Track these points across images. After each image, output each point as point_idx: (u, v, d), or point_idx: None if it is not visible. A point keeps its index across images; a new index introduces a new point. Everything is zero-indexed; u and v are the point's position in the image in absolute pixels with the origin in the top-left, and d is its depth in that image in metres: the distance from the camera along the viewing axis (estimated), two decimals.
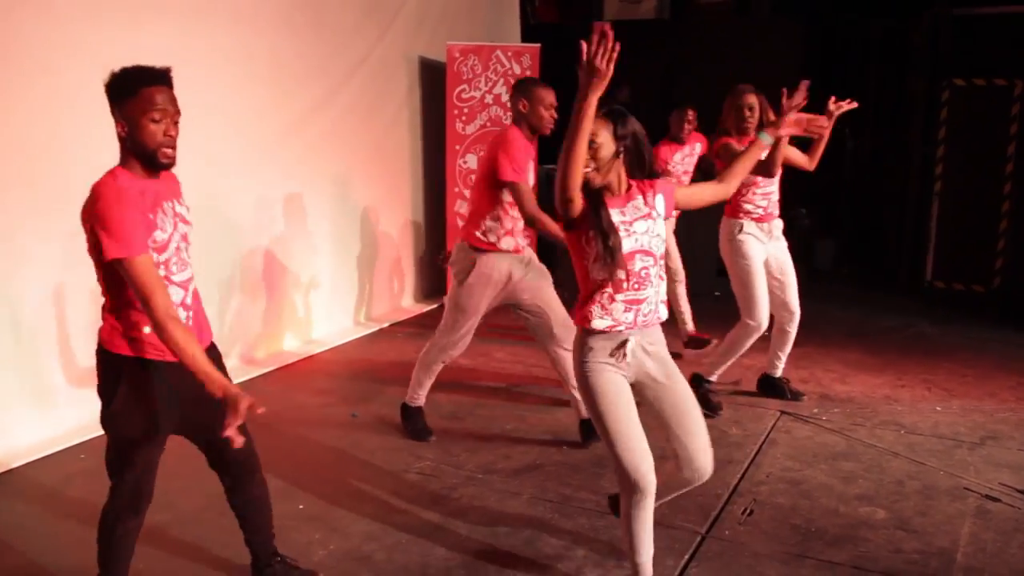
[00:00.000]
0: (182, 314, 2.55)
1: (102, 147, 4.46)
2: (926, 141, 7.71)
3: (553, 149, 2.71)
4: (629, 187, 2.77)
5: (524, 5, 9.15)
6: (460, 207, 7.15)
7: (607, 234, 2.65)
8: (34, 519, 3.63)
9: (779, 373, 5.08)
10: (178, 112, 2.51)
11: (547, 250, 5.68)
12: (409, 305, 7.32)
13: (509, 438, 4.52)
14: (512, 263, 4.21)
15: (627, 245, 2.70)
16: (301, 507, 3.69)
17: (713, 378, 4.95)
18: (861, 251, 8.95)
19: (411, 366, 4.65)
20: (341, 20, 6.26)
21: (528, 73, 7.21)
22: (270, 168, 5.70)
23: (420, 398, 4.55)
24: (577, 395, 3.77)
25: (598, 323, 2.76)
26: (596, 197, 2.70)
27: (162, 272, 2.49)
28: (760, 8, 8.82)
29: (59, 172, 4.11)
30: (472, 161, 6.98)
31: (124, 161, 2.50)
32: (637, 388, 2.88)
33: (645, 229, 2.74)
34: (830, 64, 8.60)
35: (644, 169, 2.76)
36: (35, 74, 4.14)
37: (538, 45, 7.31)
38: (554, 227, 3.71)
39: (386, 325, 6.79)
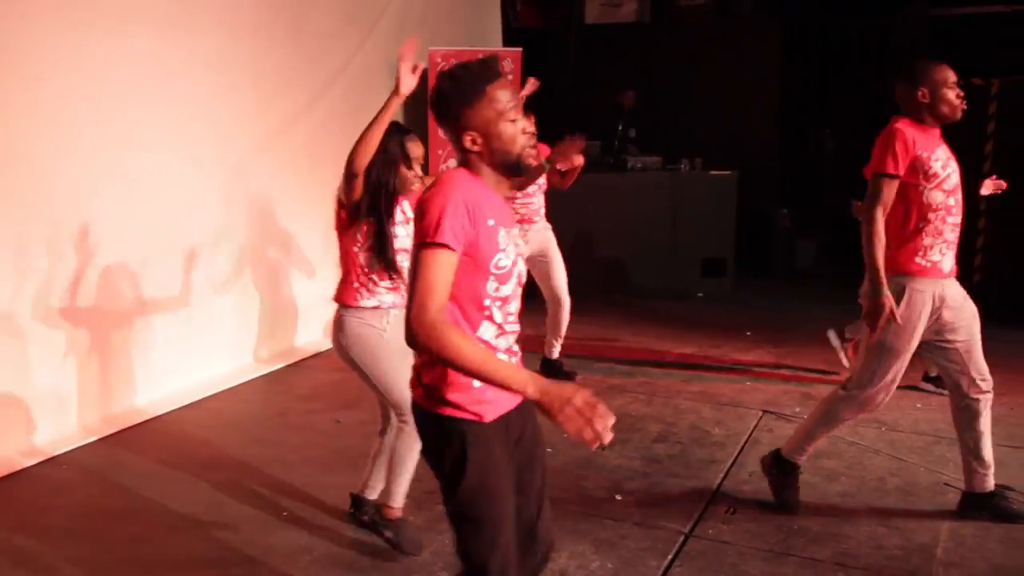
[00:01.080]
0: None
1: (87, 156, 4.48)
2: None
3: None
4: None
5: (505, 9, 9.18)
6: None
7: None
8: None
9: (556, 354, 5.47)
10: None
11: None
12: None
13: None
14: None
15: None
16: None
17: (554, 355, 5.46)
18: (842, 250, 9.00)
19: None
20: (321, 27, 6.27)
21: (510, 78, 7.24)
22: (254, 176, 5.70)
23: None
24: None
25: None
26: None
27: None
28: (740, 9, 8.87)
29: (43, 181, 4.11)
30: (453, 165, 7.00)
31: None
32: None
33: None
34: (809, 64, 8.67)
35: None
36: (18, 82, 4.14)
37: (520, 49, 7.35)
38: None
39: None
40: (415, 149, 3.43)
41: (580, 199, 7.02)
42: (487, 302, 2.08)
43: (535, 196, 5.26)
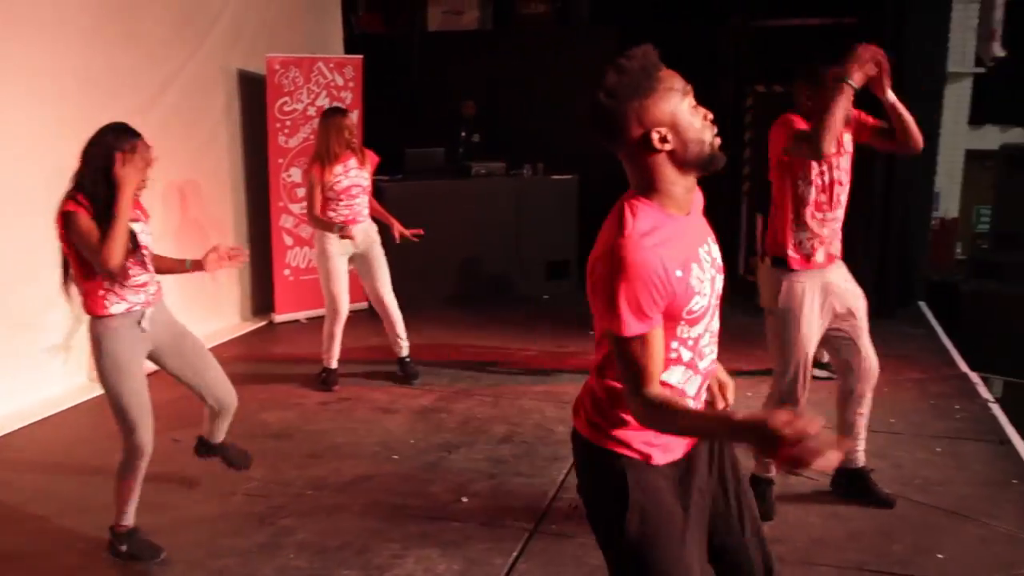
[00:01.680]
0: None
1: None
2: (734, 144, 8.18)
3: None
4: None
5: (347, 16, 9.10)
6: (285, 221, 7.05)
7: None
8: None
9: (404, 352, 5.59)
10: None
11: None
12: (237, 323, 7.12)
13: (340, 452, 4.50)
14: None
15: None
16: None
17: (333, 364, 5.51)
18: None
19: (238, 384, 4.53)
20: (153, 33, 6.04)
21: (351, 85, 7.20)
22: None
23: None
24: None
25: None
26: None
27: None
28: (578, 17, 9.12)
29: None
30: (296, 175, 6.89)
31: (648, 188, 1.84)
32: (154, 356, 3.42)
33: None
34: None
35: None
36: None
37: (361, 56, 7.31)
38: None
39: (213, 345, 6.57)
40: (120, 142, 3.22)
41: (425, 205, 7.06)
42: (674, 344, 1.85)
43: (359, 197, 5.29)
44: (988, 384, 7.49)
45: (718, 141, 1.82)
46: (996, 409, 5.15)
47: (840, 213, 3.67)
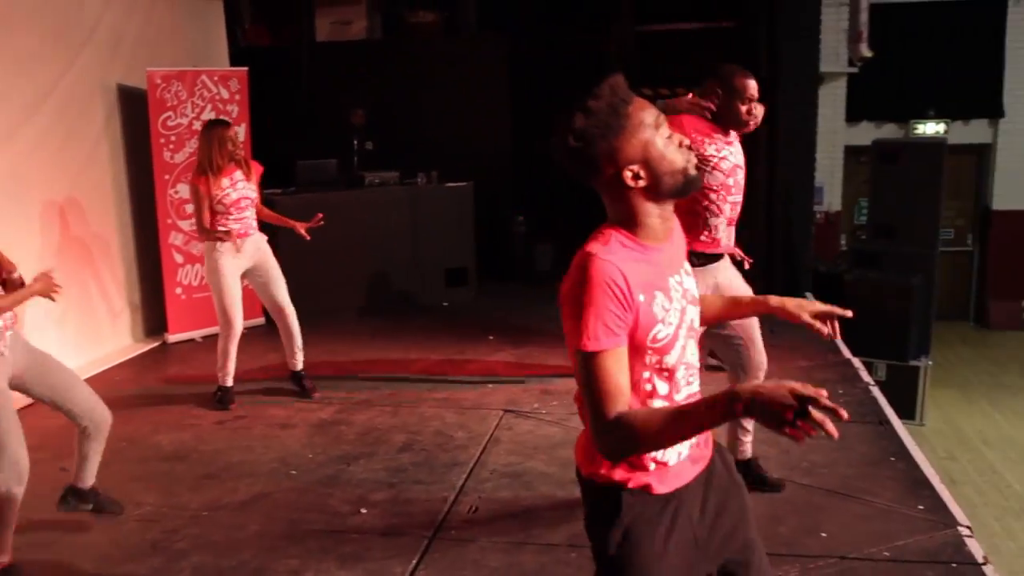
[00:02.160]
0: None
1: None
2: None
3: None
4: None
5: (232, 28, 8.94)
6: (175, 239, 6.88)
7: None
8: None
9: (300, 366, 5.51)
10: None
11: None
12: (129, 345, 6.91)
13: (236, 471, 4.41)
14: None
15: None
16: None
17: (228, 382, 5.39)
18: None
19: (131, 407, 4.44)
20: (24, 45, 5.80)
21: (237, 98, 7.08)
22: None
23: None
24: None
25: None
26: None
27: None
28: (467, 25, 9.18)
29: None
30: (184, 191, 6.73)
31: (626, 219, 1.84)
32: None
33: None
34: (536, 76, 9.08)
35: None
36: None
37: (245, 69, 7.19)
38: None
39: (104, 369, 6.37)
40: None
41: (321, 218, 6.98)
42: (646, 374, 1.83)
43: (248, 210, 5.21)
44: (873, 368, 7.87)
45: (693, 165, 1.82)
46: (876, 392, 5.39)
47: (739, 198, 3.79)
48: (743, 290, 3.82)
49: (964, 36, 10.23)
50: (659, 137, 1.77)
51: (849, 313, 2.11)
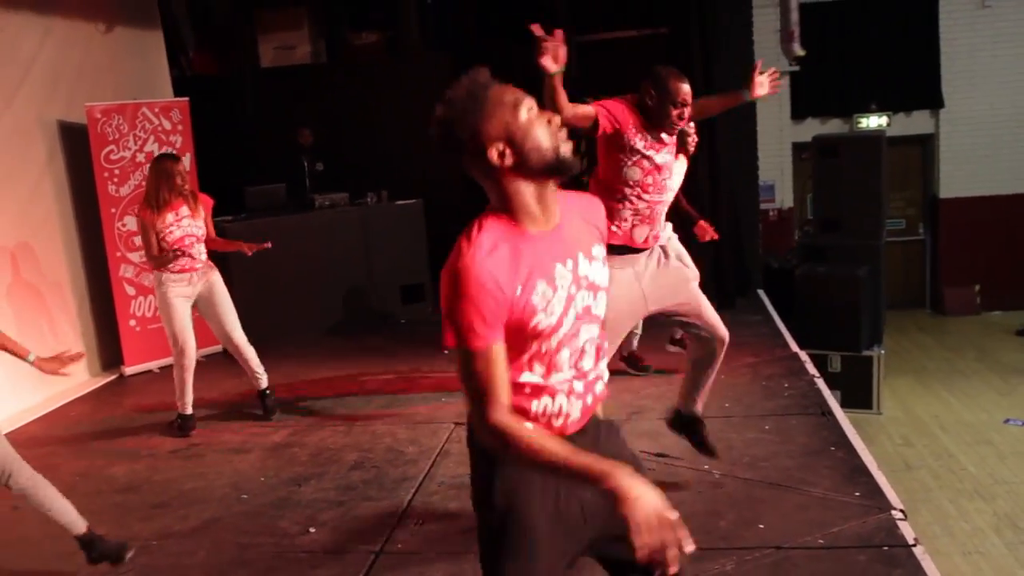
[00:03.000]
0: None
1: None
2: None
3: None
4: None
5: (178, 57, 8.97)
6: (125, 271, 6.88)
7: None
8: None
9: (264, 384, 5.54)
10: None
11: None
12: (86, 380, 6.89)
13: (188, 499, 4.44)
14: None
15: None
16: None
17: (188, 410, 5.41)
18: None
19: (86, 442, 4.44)
20: None
21: (180, 128, 7.11)
22: None
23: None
24: None
25: None
26: None
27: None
28: (410, 44, 9.25)
29: None
30: (131, 223, 6.73)
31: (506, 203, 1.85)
32: None
33: None
34: None
35: None
36: None
37: (186, 99, 7.22)
38: None
39: (61, 404, 6.35)
40: None
41: (272, 242, 7.01)
42: (524, 358, 1.86)
43: (194, 247, 5.21)
44: (827, 360, 8.00)
45: (566, 146, 1.81)
46: (821, 384, 5.49)
47: (666, 196, 3.86)
48: (677, 276, 3.85)
49: (900, 30, 10.45)
50: (521, 115, 1.79)
51: None
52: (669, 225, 5.61)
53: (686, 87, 3.67)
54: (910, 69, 10.53)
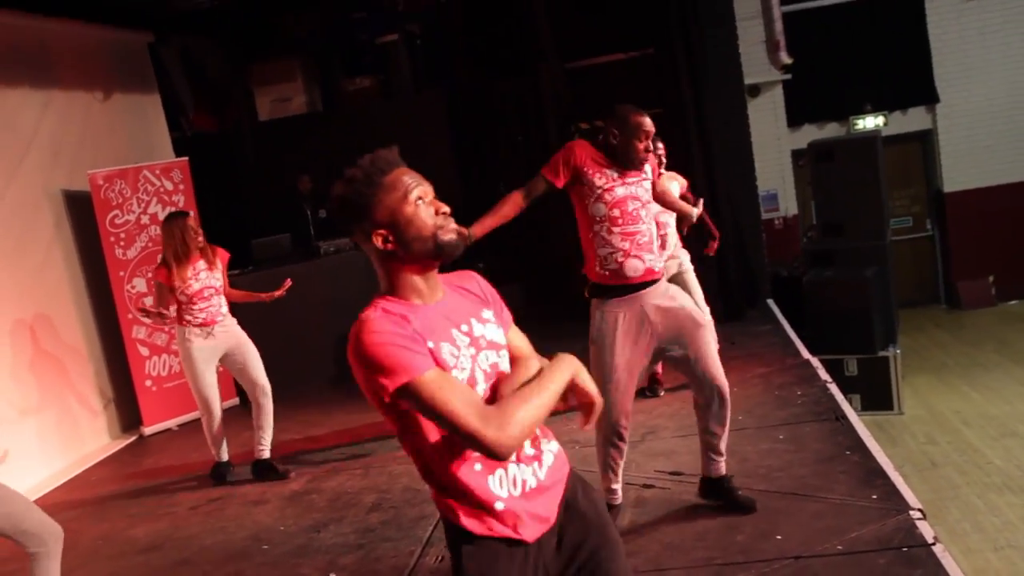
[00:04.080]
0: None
1: None
2: None
3: None
4: None
5: (178, 119, 9.11)
6: (138, 332, 6.97)
7: None
8: None
9: (267, 454, 5.43)
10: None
11: None
12: (106, 443, 6.96)
13: (210, 554, 4.46)
14: None
15: None
16: None
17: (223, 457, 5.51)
18: (548, 289, 9.64)
19: (108, 504, 4.49)
20: None
21: (182, 188, 7.22)
22: None
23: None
24: None
25: None
26: None
27: None
28: (404, 85, 9.37)
29: None
30: (140, 284, 6.83)
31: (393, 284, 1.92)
32: None
33: None
34: (476, 124, 9.25)
35: None
36: None
37: (186, 159, 7.35)
38: None
39: (83, 469, 6.42)
40: None
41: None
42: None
43: (213, 299, 5.27)
44: (844, 364, 7.97)
45: (450, 233, 1.87)
46: (834, 389, 5.47)
47: (643, 227, 3.79)
48: (686, 318, 3.78)
49: (887, 29, 10.48)
50: (409, 202, 1.85)
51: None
52: (686, 255, 5.67)
53: (648, 120, 3.72)
54: (902, 67, 10.56)
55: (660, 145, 5.40)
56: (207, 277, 5.25)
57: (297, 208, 8.51)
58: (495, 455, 1.76)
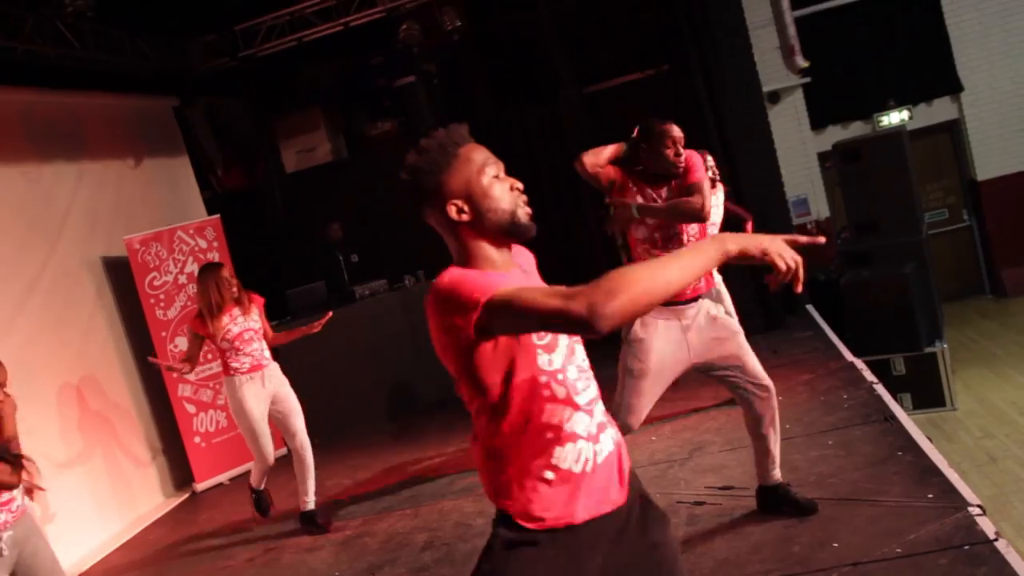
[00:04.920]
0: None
1: None
2: (596, 204, 8.52)
3: None
4: None
5: (208, 178, 9.30)
6: (184, 391, 7.07)
7: None
8: None
9: (311, 506, 5.40)
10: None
11: None
12: (160, 503, 7.05)
13: None
14: None
15: None
16: None
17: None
18: None
19: (164, 564, 4.53)
20: (4, 239, 6.14)
21: (215, 245, 7.35)
22: None
23: None
24: None
25: None
26: None
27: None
28: (424, 125, 9.46)
29: None
30: (182, 343, 6.94)
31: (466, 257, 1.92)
32: None
33: None
34: (500, 155, 9.29)
35: None
36: None
37: (218, 216, 7.49)
38: None
39: (139, 530, 6.50)
40: None
41: (318, 339, 7.12)
42: (543, 379, 1.86)
43: (255, 343, 5.30)
44: (891, 364, 7.83)
45: (524, 211, 1.89)
46: (881, 389, 5.38)
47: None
48: (724, 329, 3.79)
49: (904, 22, 10.37)
50: (485, 175, 1.88)
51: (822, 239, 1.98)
52: (719, 279, 5.63)
53: (674, 127, 3.73)
54: (922, 58, 10.44)
55: (711, 159, 5.41)
56: (244, 321, 5.30)
57: (330, 255, 8.60)
58: (589, 325, 1.59)
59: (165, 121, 8.41)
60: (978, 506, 3.61)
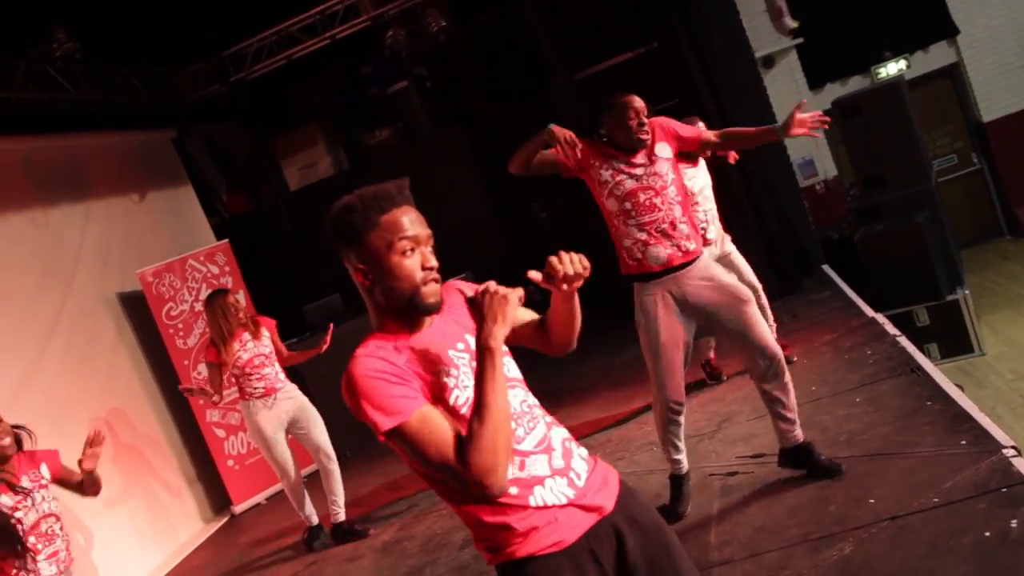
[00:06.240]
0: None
1: None
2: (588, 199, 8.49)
3: None
4: None
5: (213, 204, 9.34)
6: (211, 416, 7.12)
7: None
8: None
9: (342, 517, 5.44)
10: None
11: None
12: (201, 528, 7.11)
13: None
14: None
15: None
16: None
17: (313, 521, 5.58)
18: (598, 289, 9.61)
19: None
20: (21, 285, 6.20)
21: (227, 269, 7.39)
22: None
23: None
24: None
25: None
26: None
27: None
28: (421, 129, 9.47)
29: None
30: (205, 370, 6.97)
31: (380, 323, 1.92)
32: None
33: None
34: (500, 153, 9.28)
35: None
36: None
37: (227, 241, 7.52)
38: None
39: (183, 558, 6.55)
40: None
41: (337, 351, 7.16)
42: None
43: (266, 367, 5.33)
44: (914, 314, 7.77)
45: (430, 290, 1.87)
46: (904, 341, 5.33)
47: (659, 215, 3.79)
48: (727, 293, 3.81)
49: None
50: (395, 251, 1.85)
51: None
52: (727, 237, 5.60)
53: (635, 97, 3.81)
54: (915, 5, 10.34)
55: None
56: (254, 346, 5.33)
57: (341, 267, 8.60)
58: (479, 496, 1.78)
59: (165, 153, 8.46)
60: (1012, 447, 3.57)
